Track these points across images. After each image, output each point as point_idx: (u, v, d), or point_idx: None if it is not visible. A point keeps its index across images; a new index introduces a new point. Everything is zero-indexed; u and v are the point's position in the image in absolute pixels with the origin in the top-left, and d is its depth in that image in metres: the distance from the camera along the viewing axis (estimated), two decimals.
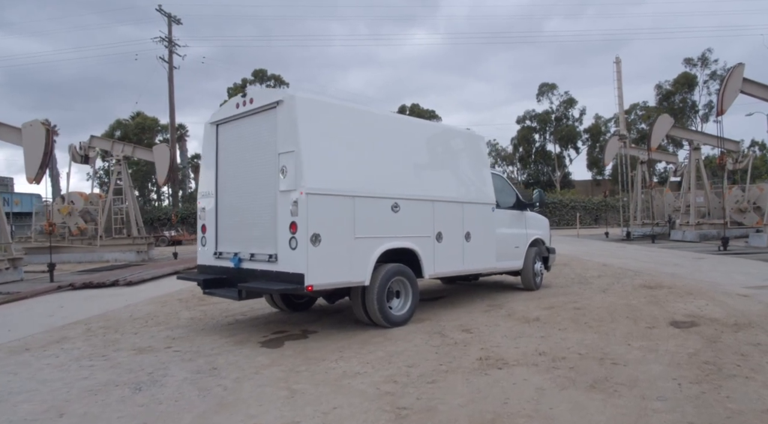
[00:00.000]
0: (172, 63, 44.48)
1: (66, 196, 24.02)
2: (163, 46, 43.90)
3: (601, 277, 11.49)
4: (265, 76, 60.71)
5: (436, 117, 63.61)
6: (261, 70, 60.64)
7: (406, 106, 63.19)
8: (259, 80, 60.11)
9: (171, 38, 44.68)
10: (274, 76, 61.02)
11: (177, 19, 45.13)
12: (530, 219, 9.94)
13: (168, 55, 44.05)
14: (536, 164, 65.83)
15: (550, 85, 61.46)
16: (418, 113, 62.19)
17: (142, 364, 5.47)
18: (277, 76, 60.71)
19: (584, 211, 46.81)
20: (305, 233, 5.80)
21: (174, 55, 44.42)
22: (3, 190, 54.47)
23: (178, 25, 45.01)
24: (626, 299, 8.33)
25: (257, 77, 60.17)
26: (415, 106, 63.07)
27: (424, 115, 62.81)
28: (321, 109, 6.27)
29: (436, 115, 63.48)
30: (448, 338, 6.07)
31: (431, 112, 63.55)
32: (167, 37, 44.26)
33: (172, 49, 44.69)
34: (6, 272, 14.90)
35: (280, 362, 5.36)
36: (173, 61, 44.33)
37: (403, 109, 63.26)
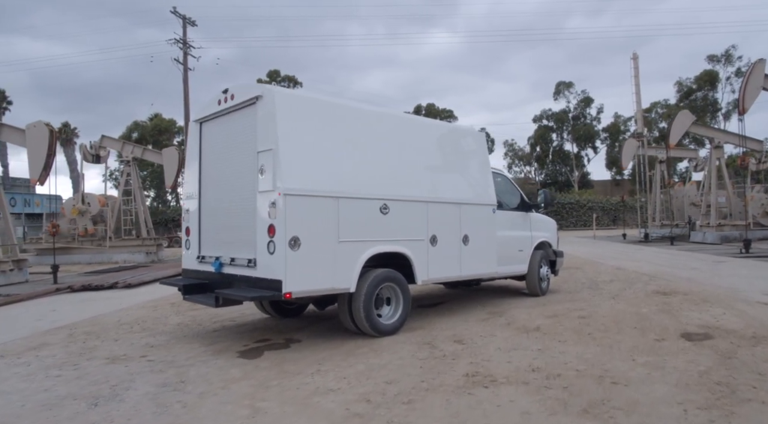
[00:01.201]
0: (187, 64, 44.62)
1: (84, 196, 24.06)
2: (178, 48, 44.10)
3: (613, 282, 10.93)
4: (280, 77, 60.66)
5: (452, 117, 62.87)
6: (275, 71, 60.61)
7: (421, 106, 62.55)
8: (274, 81, 60.09)
9: (186, 40, 44.83)
10: (288, 76, 60.95)
11: (192, 21, 45.20)
12: (536, 221, 9.44)
13: (183, 57, 44.25)
14: (554, 164, 64.72)
15: (566, 84, 60.38)
16: (434, 113, 61.53)
17: (109, 375, 5.16)
18: (291, 77, 60.64)
19: (602, 211, 45.76)
20: (283, 237, 5.43)
21: (189, 56, 44.61)
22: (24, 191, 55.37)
23: (193, 27, 45.13)
24: (637, 307, 7.80)
25: (272, 78, 60.15)
26: (431, 105, 62.40)
27: (440, 115, 62.13)
28: (302, 104, 5.89)
29: (452, 115, 62.75)
30: (437, 349, 5.64)
31: (448, 112, 62.82)
32: (182, 38, 44.45)
33: (186, 51, 44.88)
34: (10, 274, 14.84)
35: (252, 375, 4.99)
36: (188, 62, 44.52)
37: (419, 109, 62.63)
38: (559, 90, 60.76)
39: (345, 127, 6.23)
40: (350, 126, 6.29)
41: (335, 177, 5.95)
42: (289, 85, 59.42)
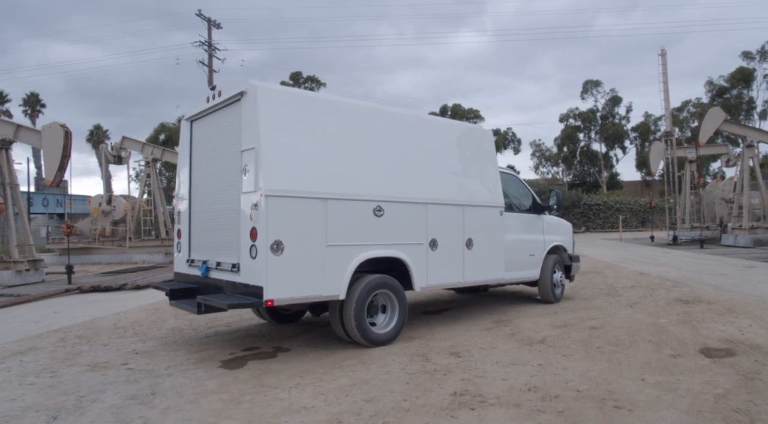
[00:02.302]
0: (212, 66, 45.08)
1: (112, 198, 24.31)
2: (203, 50, 44.53)
3: (634, 288, 10.32)
4: (303, 79, 60.73)
5: (478, 117, 61.93)
6: (298, 73, 60.69)
7: (447, 106, 61.81)
8: (297, 83, 60.19)
9: (210, 42, 45.27)
10: (311, 77, 60.99)
11: (217, 23, 45.60)
12: (549, 224, 8.93)
13: (208, 59, 44.67)
14: (582, 165, 63.21)
15: (594, 83, 58.80)
16: (460, 113, 60.75)
17: (83, 384, 4.93)
18: (314, 78, 60.68)
19: (630, 213, 44.38)
20: (265, 241, 5.11)
21: (214, 58, 45.02)
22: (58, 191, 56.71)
23: (219, 30, 45.46)
24: (655, 317, 7.24)
25: (294, 80, 60.25)
26: (457, 106, 61.59)
27: (466, 116, 61.28)
28: (288, 100, 5.57)
29: (479, 116, 61.81)
30: (430, 363, 5.24)
31: (474, 112, 61.90)
32: (207, 41, 44.89)
33: (211, 53, 45.31)
34: (26, 274, 14.96)
35: (228, 387, 4.69)
36: (213, 64, 44.95)
37: (445, 110, 61.90)
38: (586, 89, 59.29)
39: (336, 124, 5.88)
40: (342, 123, 5.94)
41: (324, 177, 5.61)
42: (312, 87, 59.43)
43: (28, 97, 55.85)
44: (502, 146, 61.44)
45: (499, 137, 61.23)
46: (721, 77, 55.88)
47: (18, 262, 14.82)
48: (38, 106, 57.83)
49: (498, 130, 62.42)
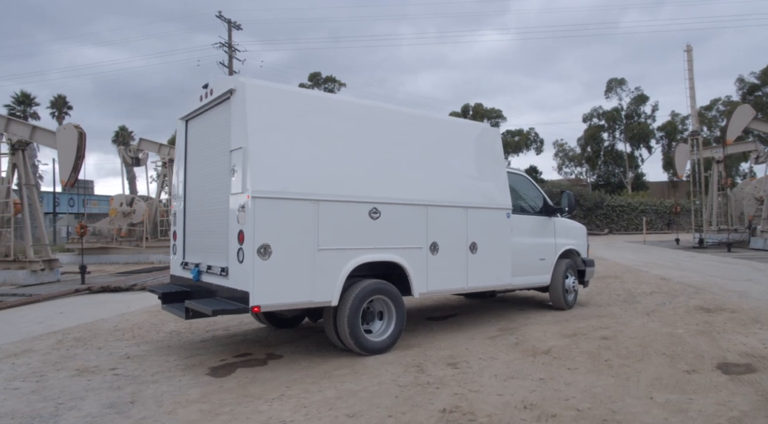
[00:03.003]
0: (232, 68, 45.43)
1: (135, 200, 24.56)
2: (224, 52, 44.89)
3: (653, 294, 9.85)
4: (321, 79, 60.74)
5: (500, 117, 61.15)
6: (316, 73, 60.68)
7: (469, 106, 61.18)
8: (316, 84, 60.24)
9: (231, 44, 45.60)
10: (329, 78, 60.97)
11: (237, 24, 45.93)
12: (561, 226, 8.55)
13: (228, 60, 45.01)
14: (606, 165, 61.89)
15: (618, 81, 57.38)
16: (481, 113, 60.09)
17: (66, 390, 4.80)
18: (332, 78, 60.63)
19: (655, 215, 43.17)
20: (252, 244, 4.90)
21: (234, 59, 45.35)
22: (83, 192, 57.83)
23: (239, 31, 45.75)
24: (672, 326, 6.83)
25: (313, 81, 60.31)
26: (479, 106, 60.92)
27: (488, 115, 60.56)
28: (279, 98, 5.34)
29: (500, 116, 61.03)
30: (425, 374, 4.96)
31: (496, 111, 61.13)
32: (227, 42, 45.22)
33: (231, 54, 45.65)
34: (42, 273, 15.09)
35: (210, 397, 4.49)
36: (233, 65, 45.30)
37: (466, 109, 61.29)
38: (610, 87, 57.94)
39: (330, 123, 5.64)
40: (336, 122, 5.70)
41: (316, 178, 5.37)
42: (331, 87, 59.39)
43: (55, 99, 57.00)
44: (524, 146, 60.57)
45: (522, 137, 60.36)
46: (752, 74, 54.07)
47: (33, 262, 14.97)
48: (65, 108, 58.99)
49: (520, 131, 61.55)
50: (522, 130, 61.37)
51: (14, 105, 49.45)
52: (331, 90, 59.51)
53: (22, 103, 50.02)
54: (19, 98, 49.54)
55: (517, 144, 60.38)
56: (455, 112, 61.49)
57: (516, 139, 60.42)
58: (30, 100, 50.74)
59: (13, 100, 49.04)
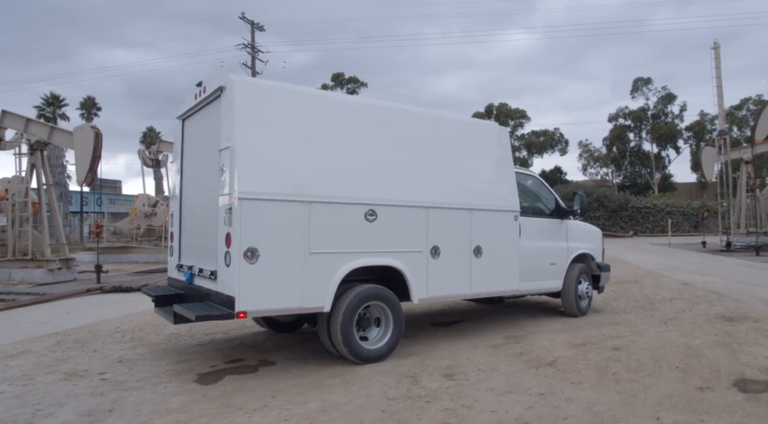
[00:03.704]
0: (255, 69, 45.73)
1: (158, 201, 24.81)
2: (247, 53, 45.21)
3: (674, 300, 9.40)
4: (344, 79, 60.70)
5: (525, 117, 60.28)
6: (339, 74, 60.69)
7: (493, 106, 60.46)
8: (339, 84, 60.24)
9: (254, 45, 45.90)
10: (352, 78, 60.88)
11: (260, 26, 46.21)
12: (574, 229, 8.18)
13: (251, 62, 45.31)
14: (633, 165, 60.52)
15: (644, 80, 55.91)
16: (506, 113, 59.35)
17: (48, 395, 4.70)
18: (355, 79, 60.53)
19: (682, 216, 41.90)
20: (238, 247, 4.71)
21: (257, 61, 45.65)
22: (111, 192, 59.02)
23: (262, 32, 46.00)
24: (689, 337, 6.43)
25: (336, 81, 60.33)
26: (503, 105, 60.17)
27: (513, 116, 59.76)
28: (269, 95, 5.15)
29: (525, 116, 60.17)
30: (418, 386, 4.70)
31: (521, 112, 60.28)
32: (250, 43, 45.52)
33: (254, 56, 45.96)
34: (58, 272, 15.24)
35: (191, 406, 4.32)
36: (256, 66, 45.60)
37: (490, 109, 60.60)
38: (636, 87, 56.52)
39: (324, 121, 5.43)
40: (330, 120, 5.48)
41: (308, 178, 5.16)
42: (353, 88, 59.29)
43: (84, 100, 58.18)
44: (549, 147, 59.62)
45: (547, 138, 59.42)
46: None
47: (50, 261, 15.13)
48: (94, 109, 60.16)
49: (545, 131, 60.59)
50: (547, 131, 60.39)
51: (44, 106, 50.53)
52: (353, 90, 59.39)
53: (51, 105, 51.10)
54: (48, 99, 50.62)
55: (541, 145, 59.45)
56: (479, 112, 60.83)
57: (541, 140, 59.47)
58: (59, 101, 51.81)
59: (43, 101, 50.12)
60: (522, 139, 60.96)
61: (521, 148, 61.20)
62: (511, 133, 61.05)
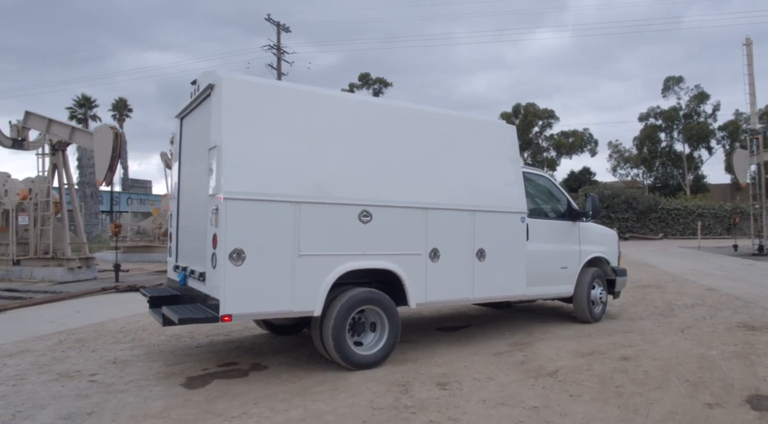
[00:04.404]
0: (280, 70, 46.06)
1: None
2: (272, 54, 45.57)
3: (695, 307, 8.95)
4: (371, 80, 60.60)
5: (553, 117, 59.18)
6: (365, 74, 60.62)
7: (520, 106, 59.59)
8: (365, 85, 60.20)
9: (279, 46, 46.24)
10: (379, 79, 60.75)
11: (285, 27, 46.51)
12: (587, 232, 7.84)
13: (277, 63, 45.63)
14: (664, 166, 58.85)
15: (676, 79, 54.23)
16: (533, 113, 58.44)
17: (33, 397, 4.68)
18: (381, 80, 60.38)
19: (714, 219, 40.47)
20: (224, 249, 4.59)
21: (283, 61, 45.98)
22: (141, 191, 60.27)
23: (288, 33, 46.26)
24: (705, 346, 6.06)
25: (363, 81, 60.29)
26: (530, 105, 59.22)
27: (540, 116, 58.79)
28: (259, 93, 5.01)
29: (553, 116, 59.06)
30: (407, 395, 4.50)
31: (549, 112, 59.19)
32: (275, 44, 45.86)
33: (280, 57, 46.30)
34: (79, 271, 15.47)
35: (171, 411, 4.21)
36: (282, 67, 45.95)
37: (517, 110, 59.78)
38: (668, 86, 54.87)
39: (316, 119, 5.27)
40: (323, 118, 5.32)
41: (298, 178, 5.01)
42: (379, 88, 59.12)
43: (116, 102, 59.50)
44: (578, 148, 58.46)
45: (576, 138, 58.29)
46: None
47: (71, 259, 15.39)
48: (125, 110, 61.44)
49: (575, 131, 59.43)
50: (576, 131, 59.20)
51: (76, 107, 51.80)
52: (379, 91, 59.26)
53: (82, 106, 52.32)
54: (80, 101, 51.85)
55: (571, 145, 58.33)
56: (506, 112, 60.01)
57: (570, 141, 58.32)
58: (90, 102, 53.04)
59: (75, 102, 51.39)
60: (550, 140, 59.92)
61: (549, 148, 60.21)
62: (538, 133, 60.62)
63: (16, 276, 15.64)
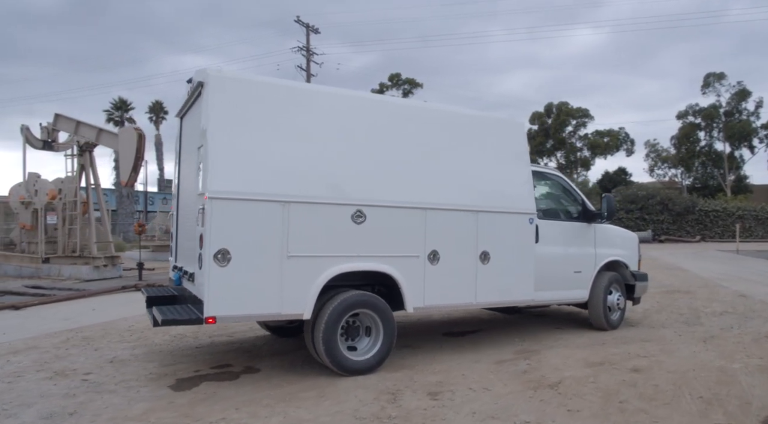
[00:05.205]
0: (310, 71, 46.36)
1: None
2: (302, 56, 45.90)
3: (724, 315, 8.45)
4: (401, 80, 60.38)
5: (587, 116, 57.72)
6: (396, 75, 60.41)
7: (552, 105, 58.39)
8: (395, 85, 60.02)
9: (309, 47, 46.52)
10: (409, 80, 60.47)
11: (315, 28, 46.77)
12: (604, 234, 7.46)
13: (306, 64, 45.94)
14: (704, 166, 56.72)
15: (717, 75, 52.09)
16: (566, 112, 57.18)
17: (23, 395, 4.69)
18: (411, 80, 60.07)
19: (755, 221, 38.64)
20: (209, 249, 4.48)
21: (312, 63, 46.28)
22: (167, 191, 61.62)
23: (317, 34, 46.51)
24: (728, 359, 5.65)
25: (393, 82, 60.12)
26: (563, 104, 57.93)
27: (574, 115, 57.47)
28: (247, 90, 4.88)
29: (588, 115, 57.58)
30: (394, 404, 4.29)
31: (583, 111, 57.73)
32: (305, 46, 46.16)
33: (309, 58, 46.61)
34: (104, 269, 15.79)
35: (151, 414, 4.14)
36: (311, 69, 46.25)
37: (550, 109, 58.62)
38: (708, 82, 52.78)
39: (308, 116, 5.11)
40: (315, 115, 5.15)
41: (288, 177, 4.86)
42: (409, 89, 58.84)
43: (153, 104, 61.02)
44: (614, 148, 56.91)
45: (612, 138, 56.76)
46: None
47: (96, 258, 15.72)
48: (162, 113, 62.94)
49: (610, 131, 57.87)
50: (612, 130, 57.62)
51: (113, 110, 53.27)
52: (409, 92, 59.00)
53: (119, 109, 53.77)
54: (116, 104, 53.32)
55: (606, 145, 56.82)
56: (537, 111, 58.96)
57: (606, 141, 56.79)
58: (126, 105, 54.50)
59: (112, 105, 52.87)
60: (584, 140, 58.51)
61: (583, 148, 58.82)
62: (572, 133, 59.25)
63: (45, 274, 16.09)
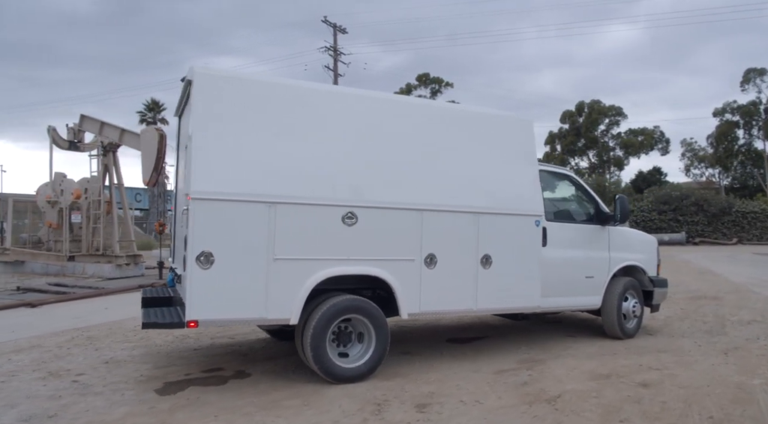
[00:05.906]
0: (337, 71, 46.46)
1: None
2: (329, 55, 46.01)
3: (751, 324, 7.95)
4: (429, 80, 59.99)
5: (620, 115, 56.25)
6: (424, 74, 60.01)
7: (584, 104, 57.10)
8: (423, 84, 59.67)
9: (336, 47, 46.64)
10: (436, 79, 60.04)
11: (342, 28, 46.86)
12: (619, 238, 7.08)
13: (333, 64, 46.05)
14: (743, 166, 54.54)
15: (758, 71, 49.87)
16: (599, 111, 55.85)
17: (11, 395, 4.75)
18: (438, 79, 59.64)
19: None
20: (192, 251, 4.37)
21: (339, 63, 46.38)
22: None
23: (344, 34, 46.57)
24: (748, 374, 5.24)
25: (421, 81, 59.77)
26: (595, 103, 56.57)
27: (606, 113, 56.11)
28: (233, 88, 4.75)
29: (621, 113, 56.11)
30: (377, 417, 4.09)
31: (616, 109, 56.30)
32: (332, 46, 46.27)
33: (336, 58, 46.71)
34: (126, 268, 16.05)
35: (129, 419, 4.12)
36: (338, 69, 46.35)
37: (581, 108, 57.36)
38: (748, 78, 50.68)
39: (297, 114, 4.95)
40: (305, 113, 4.99)
41: (275, 177, 4.71)
42: (437, 88, 58.39)
43: None
44: (648, 147, 55.30)
45: (646, 137, 55.17)
46: None
47: (119, 256, 15.98)
48: None
49: (644, 129, 56.27)
50: (646, 129, 55.99)
51: (145, 111, 54.46)
52: (437, 91, 58.59)
53: (152, 110, 54.93)
54: (149, 105, 54.51)
55: (641, 144, 55.25)
56: (569, 110, 57.74)
57: (640, 139, 55.20)
58: (158, 106, 55.68)
59: (145, 106, 54.07)
60: (617, 138, 57.05)
61: (616, 147, 57.36)
62: (605, 132, 57.82)
63: (70, 271, 16.46)
